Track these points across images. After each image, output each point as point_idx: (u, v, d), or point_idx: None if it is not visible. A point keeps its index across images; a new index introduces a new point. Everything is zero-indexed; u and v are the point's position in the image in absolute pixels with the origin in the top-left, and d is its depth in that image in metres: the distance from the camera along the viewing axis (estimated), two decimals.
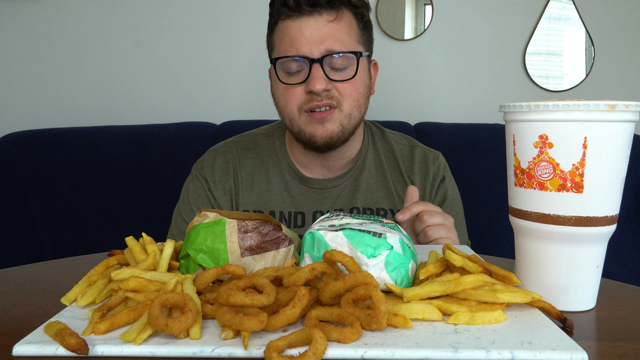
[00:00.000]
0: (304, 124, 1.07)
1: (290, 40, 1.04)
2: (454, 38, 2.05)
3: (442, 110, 2.07)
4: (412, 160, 1.19)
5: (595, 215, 0.57)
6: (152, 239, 0.67)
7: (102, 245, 1.67)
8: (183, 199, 1.20)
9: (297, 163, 1.19)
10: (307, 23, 1.03)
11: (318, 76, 1.02)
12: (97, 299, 0.59)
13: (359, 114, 1.10)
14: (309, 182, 1.17)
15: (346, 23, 1.06)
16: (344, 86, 1.05)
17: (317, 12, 1.03)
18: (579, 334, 0.53)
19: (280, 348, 0.46)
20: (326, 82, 1.03)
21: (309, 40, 1.02)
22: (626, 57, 2.05)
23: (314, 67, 1.02)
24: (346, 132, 1.08)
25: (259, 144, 1.22)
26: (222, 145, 1.24)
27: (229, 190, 1.18)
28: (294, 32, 1.04)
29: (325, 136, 1.06)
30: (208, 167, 1.19)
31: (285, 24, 1.06)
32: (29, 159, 1.75)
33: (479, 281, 0.55)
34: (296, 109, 1.06)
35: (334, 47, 1.03)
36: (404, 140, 1.25)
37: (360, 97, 1.08)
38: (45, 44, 2.04)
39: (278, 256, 0.65)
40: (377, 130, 1.25)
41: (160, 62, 2.06)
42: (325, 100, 1.04)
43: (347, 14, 1.06)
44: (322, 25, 1.03)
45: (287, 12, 1.04)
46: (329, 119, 1.05)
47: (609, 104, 0.55)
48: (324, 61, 1.02)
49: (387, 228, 0.64)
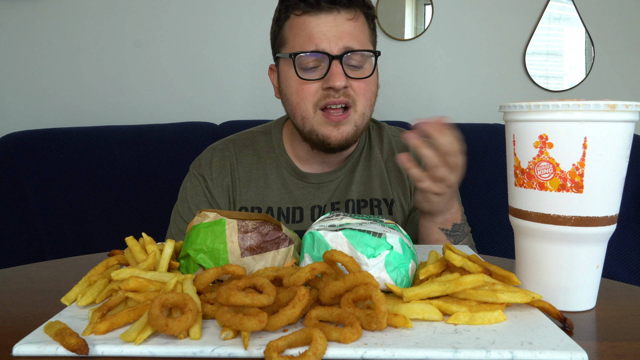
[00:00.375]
0: (317, 123, 1.06)
1: (308, 36, 1.03)
2: (454, 38, 2.05)
3: (442, 111, 2.07)
4: (407, 148, 1.19)
5: (595, 215, 0.57)
6: (152, 239, 0.67)
7: (102, 245, 1.67)
8: (181, 198, 1.20)
9: (295, 158, 1.19)
10: (327, 20, 1.03)
11: (339, 72, 1.01)
12: (97, 299, 0.59)
13: (370, 113, 1.10)
14: (307, 177, 1.17)
15: (361, 23, 1.07)
16: (359, 85, 1.05)
17: (336, 9, 1.03)
18: (579, 334, 0.53)
19: (280, 348, 0.46)
20: (346, 79, 1.02)
21: (328, 36, 1.02)
22: (626, 57, 2.05)
23: (333, 63, 1.02)
24: (359, 132, 1.08)
25: (256, 141, 1.22)
26: (219, 144, 1.24)
27: (226, 187, 1.18)
28: (312, 27, 1.03)
29: (340, 139, 1.06)
30: (206, 165, 1.19)
31: (301, 19, 1.05)
32: (29, 159, 1.75)
33: (479, 281, 0.55)
34: (311, 105, 1.05)
35: (352, 45, 1.03)
36: (398, 133, 1.26)
37: (372, 97, 1.09)
38: (45, 44, 2.04)
39: (278, 256, 0.65)
40: (374, 124, 1.26)
41: (160, 62, 2.06)
42: (342, 97, 1.03)
43: (361, 14, 1.07)
44: (340, 23, 1.03)
45: (305, 8, 1.04)
46: (345, 121, 1.05)
47: (609, 104, 0.55)
48: (343, 58, 1.02)
49: (387, 228, 0.64)
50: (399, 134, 1.25)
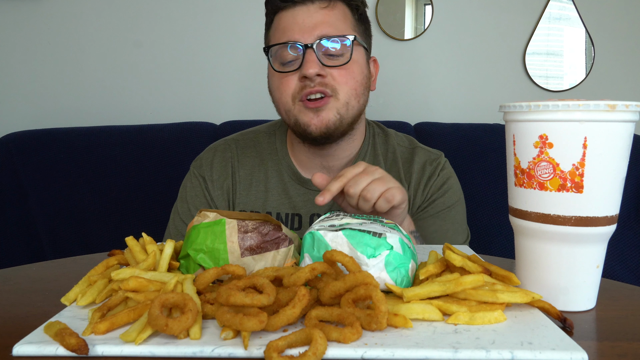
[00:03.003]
0: (298, 112, 1.04)
1: (283, 30, 1.04)
2: (454, 38, 2.05)
3: (442, 110, 2.07)
4: (411, 161, 1.17)
5: (595, 215, 0.57)
6: (152, 239, 0.67)
7: (102, 245, 1.67)
8: (181, 197, 1.19)
9: (297, 163, 1.17)
10: (300, 12, 1.03)
11: (311, 60, 1.00)
12: (97, 299, 0.59)
13: (357, 104, 1.06)
14: (308, 183, 1.15)
15: (340, 11, 1.05)
16: (339, 72, 1.03)
17: (310, 0, 1.03)
18: (579, 334, 0.53)
19: (280, 348, 0.46)
20: (319, 66, 1.00)
21: (301, 27, 1.02)
22: (626, 57, 2.05)
23: (307, 52, 1.00)
24: (344, 122, 1.05)
25: (260, 142, 1.21)
26: (221, 143, 1.22)
27: (226, 189, 1.17)
28: (287, 21, 1.04)
29: (320, 126, 1.03)
30: (207, 165, 1.18)
31: (279, 16, 1.06)
32: (29, 159, 1.75)
33: (479, 281, 0.55)
34: (290, 98, 1.04)
35: (327, 32, 1.02)
36: (406, 142, 1.22)
37: (357, 86, 1.05)
38: (45, 44, 2.04)
39: (278, 256, 0.65)
40: (380, 131, 1.23)
41: (160, 62, 2.06)
42: (318, 87, 1.01)
43: (340, 3, 1.06)
44: (314, 12, 1.03)
45: (281, 5, 1.04)
46: (323, 107, 1.02)
47: (609, 104, 0.55)
48: (318, 46, 1.01)
49: (387, 228, 0.64)
50: (408, 144, 1.21)
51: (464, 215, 1.19)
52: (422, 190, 1.15)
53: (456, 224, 1.14)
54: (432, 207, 1.14)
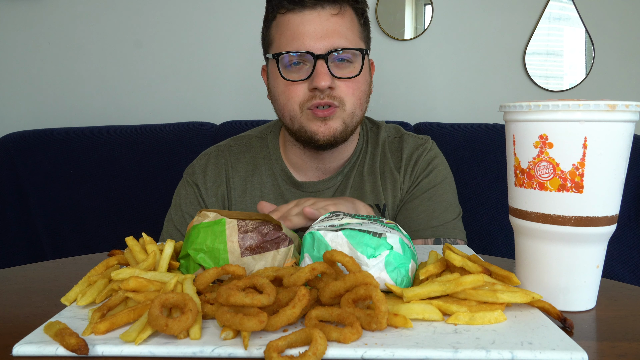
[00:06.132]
0: (305, 120, 1.04)
1: (292, 35, 1.01)
2: (454, 38, 2.05)
3: (442, 110, 2.07)
4: (400, 149, 1.17)
5: (595, 215, 0.57)
6: (152, 239, 0.67)
7: (102, 245, 1.67)
8: (175, 205, 1.18)
9: (290, 166, 1.16)
10: (310, 17, 1.00)
11: (323, 72, 0.99)
12: (97, 299, 0.59)
13: (360, 113, 1.08)
14: (302, 186, 1.14)
15: (348, 18, 1.04)
16: (347, 84, 1.03)
17: (320, 5, 1.00)
18: (579, 334, 0.53)
19: (280, 348, 0.46)
20: (331, 79, 1.00)
21: (312, 34, 1.00)
22: (626, 57, 2.05)
23: (318, 63, 0.99)
24: (348, 130, 1.06)
25: (253, 147, 1.19)
26: (214, 150, 1.21)
27: (221, 197, 1.15)
28: (296, 26, 1.01)
29: (327, 134, 1.03)
30: (200, 173, 1.17)
31: (285, 17, 1.03)
32: (29, 159, 1.75)
33: (479, 281, 0.55)
34: (298, 106, 1.03)
35: (339, 44, 1.00)
36: (394, 132, 1.22)
37: (362, 96, 1.07)
38: (45, 44, 2.04)
39: (278, 256, 0.65)
40: (372, 125, 1.23)
41: (160, 62, 2.06)
42: (327, 99, 1.01)
43: (349, 9, 1.04)
44: (325, 20, 1.00)
45: (289, 6, 1.01)
46: (332, 117, 1.03)
47: (609, 104, 0.55)
48: (329, 57, 1.00)
49: (387, 228, 0.64)
50: (395, 134, 1.21)
51: (453, 194, 1.18)
52: (410, 174, 1.16)
53: (444, 202, 1.13)
54: (418, 188, 1.14)
